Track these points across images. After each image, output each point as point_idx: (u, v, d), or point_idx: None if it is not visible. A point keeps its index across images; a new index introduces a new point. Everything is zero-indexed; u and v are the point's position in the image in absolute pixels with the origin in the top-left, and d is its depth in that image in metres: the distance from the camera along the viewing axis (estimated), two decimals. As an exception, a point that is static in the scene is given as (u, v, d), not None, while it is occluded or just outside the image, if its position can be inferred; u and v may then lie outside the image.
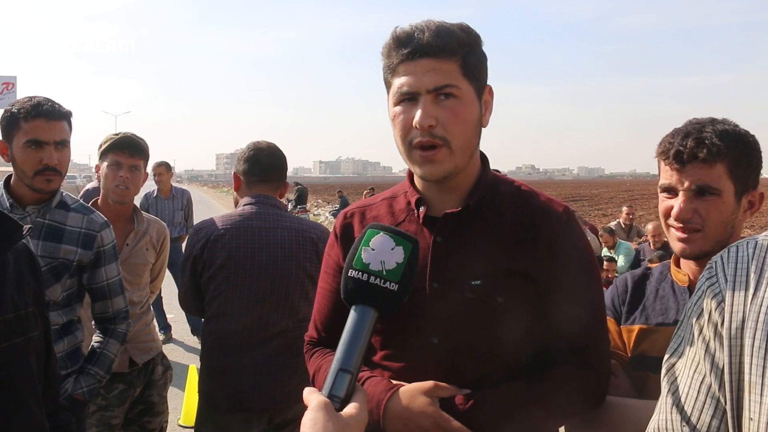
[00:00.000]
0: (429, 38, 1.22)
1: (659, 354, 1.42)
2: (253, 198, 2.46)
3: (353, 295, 1.04)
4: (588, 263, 1.35)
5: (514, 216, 1.33)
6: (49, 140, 2.06)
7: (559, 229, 1.30)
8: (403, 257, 1.05)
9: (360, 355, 1.00)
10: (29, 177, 2.08)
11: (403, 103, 1.27)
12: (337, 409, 0.95)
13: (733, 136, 1.36)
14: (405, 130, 1.27)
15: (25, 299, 1.33)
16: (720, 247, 1.39)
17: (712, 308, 0.83)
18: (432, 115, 1.23)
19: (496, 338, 1.27)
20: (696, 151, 1.34)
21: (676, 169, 1.38)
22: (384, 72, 1.31)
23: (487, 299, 1.26)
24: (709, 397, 0.83)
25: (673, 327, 1.42)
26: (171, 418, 3.50)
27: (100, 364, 2.26)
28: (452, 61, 1.24)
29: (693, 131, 1.37)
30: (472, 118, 1.27)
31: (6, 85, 20.14)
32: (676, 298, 1.47)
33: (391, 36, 1.27)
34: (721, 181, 1.34)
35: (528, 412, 1.25)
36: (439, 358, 1.28)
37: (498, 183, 1.39)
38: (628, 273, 1.63)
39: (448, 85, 1.23)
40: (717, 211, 1.35)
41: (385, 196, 1.47)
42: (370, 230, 1.08)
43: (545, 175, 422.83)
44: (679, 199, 1.38)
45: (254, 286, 2.34)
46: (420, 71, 1.23)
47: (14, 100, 2.14)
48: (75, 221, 2.20)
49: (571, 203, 30.56)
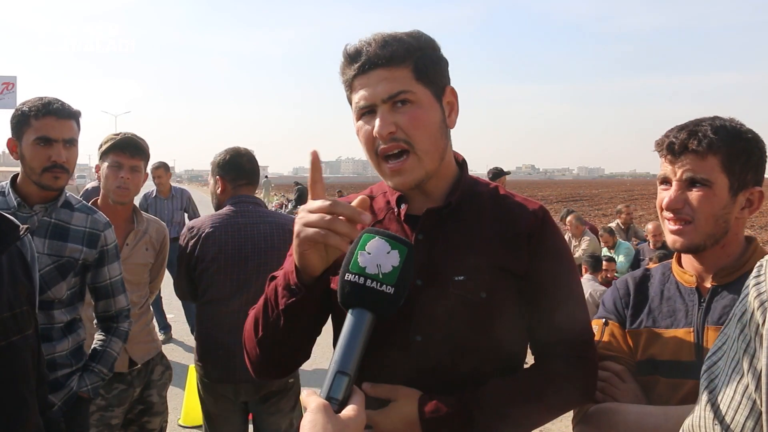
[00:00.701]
0: (377, 49, 1.25)
1: (670, 357, 1.40)
2: (237, 198, 2.88)
3: (350, 298, 1.05)
4: (566, 257, 1.40)
5: (494, 213, 1.36)
6: (58, 138, 2.12)
7: (537, 225, 1.34)
8: (398, 261, 1.06)
9: (357, 358, 1.01)
10: (37, 174, 2.12)
11: (364, 117, 1.29)
12: (336, 411, 0.96)
13: (730, 132, 1.37)
14: (369, 143, 1.29)
15: (19, 298, 1.35)
16: (713, 242, 1.38)
17: (755, 307, 0.82)
18: (390, 122, 1.25)
19: (481, 334, 1.28)
20: (687, 143, 1.36)
21: (670, 161, 1.40)
22: (344, 90, 1.34)
23: (470, 295, 1.27)
24: (746, 397, 0.82)
25: (683, 330, 1.40)
26: (171, 418, 3.51)
27: (103, 362, 2.29)
28: (403, 67, 1.26)
29: (690, 125, 1.40)
30: (432, 121, 1.29)
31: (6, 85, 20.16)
32: (683, 300, 1.45)
33: (343, 54, 1.30)
34: (713, 173, 1.35)
35: (520, 408, 1.26)
36: (422, 355, 1.29)
37: (475, 184, 1.42)
38: (628, 275, 1.62)
39: (402, 92, 1.25)
40: (707, 203, 1.36)
41: (364, 195, 1.48)
42: (365, 234, 1.09)
43: (545, 175, 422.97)
44: (671, 189, 1.40)
45: (241, 274, 2.76)
46: (373, 82, 1.26)
47: (25, 100, 2.19)
48: (79, 221, 2.24)
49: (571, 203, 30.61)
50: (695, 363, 1.36)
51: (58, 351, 2.14)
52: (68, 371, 2.18)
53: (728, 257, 1.41)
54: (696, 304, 1.42)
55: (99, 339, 2.36)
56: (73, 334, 2.22)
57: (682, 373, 1.37)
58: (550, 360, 1.33)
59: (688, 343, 1.39)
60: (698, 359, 1.36)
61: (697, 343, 1.38)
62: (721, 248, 1.40)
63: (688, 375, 1.35)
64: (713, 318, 1.38)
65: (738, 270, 1.40)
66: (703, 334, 1.38)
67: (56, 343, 2.14)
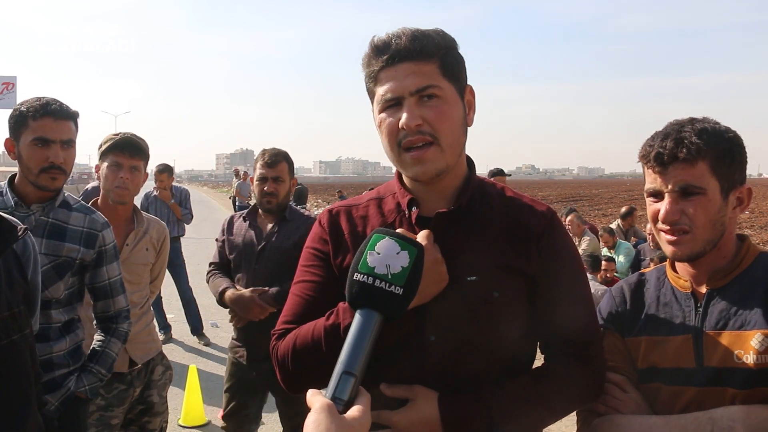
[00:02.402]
0: (406, 42, 1.26)
1: (671, 365, 1.38)
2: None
3: (358, 298, 1.05)
4: (574, 259, 1.40)
5: (503, 214, 1.36)
6: (56, 139, 2.11)
7: (546, 226, 1.34)
8: (408, 261, 1.06)
9: (364, 359, 1.01)
10: (35, 174, 2.11)
11: (388, 109, 1.29)
12: (341, 412, 0.95)
13: (712, 134, 1.35)
14: (392, 134, 1.29)
15: (17, 297, 1.35)
16: (712, 246, 1.37)
17: None
18: (418, 115, 1.25)
19: (494, 334, 1.28)
20: (676, 152, 1.33)
21: (659, 172, 1.37)
22: (366, 82, 1.33)
23: (483, 294, 1.28)
24: None
25: (681, 336, 1.39)
26: (171, 418, 3.51)
27: (102, 362, 2.28)
28: (431, 62, 1.27)
29: (672, 132, 1.37)
30: (456, 116, 1.30)
31: (6, 85, 20.14)
32: (680, 305, 1.43)
33: (370, 45, 1.30)
34: (705, 179, 1.33)
35: (528, 409, 1.26)
36: (437, 355, 1.29)
37: (484, 185, 1.42)
38: (623, 282, 1.60)
39: (430, 86, 1.26)
40: (704, 211, 1.34)
41: (372, 196, 1.47)
42: (376, 235, 1.09)
43: (545, 175, 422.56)
44: (665, 202, 1.36)
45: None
46: (401, 75, 1.26)
47: (23, 101, 2.18)
48: (77, 221, 2.24)
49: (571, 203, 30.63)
50: (696, 370, 1.35)
51: (56, 351, 2.14)
52: (66, 371, 2.17)
53: (724, 258, 1.40)
54: (693, 310, 1.41)
55: (98, 339, 2.35)
56: (71, 334, 2.21)
57: (684, 380, 1.36)
58: (559, 360, 1.33)
59: (688, 349, 1.37)
60: (698, 366, 1.35)
61: (697, 349, 1.36)
62: (717, 250, 1.39)
63: (690, 382, 1.35)
64: (710, 323, 1.37)
65: (732, 271, 1.39)
66: (701, 340, 1.36)
67: (53, 343, 2.13)
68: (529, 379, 1.30)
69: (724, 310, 1.36)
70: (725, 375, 1.31)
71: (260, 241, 3.12)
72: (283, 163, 3.20)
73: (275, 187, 3.14)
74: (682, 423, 1.31)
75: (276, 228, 3.14)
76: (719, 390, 1.31)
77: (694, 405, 1.33)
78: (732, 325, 1.34)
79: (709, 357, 1.34)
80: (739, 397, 1.28)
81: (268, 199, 3.15)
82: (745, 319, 1.33)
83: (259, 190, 3.17)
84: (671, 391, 1.38)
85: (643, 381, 1.44)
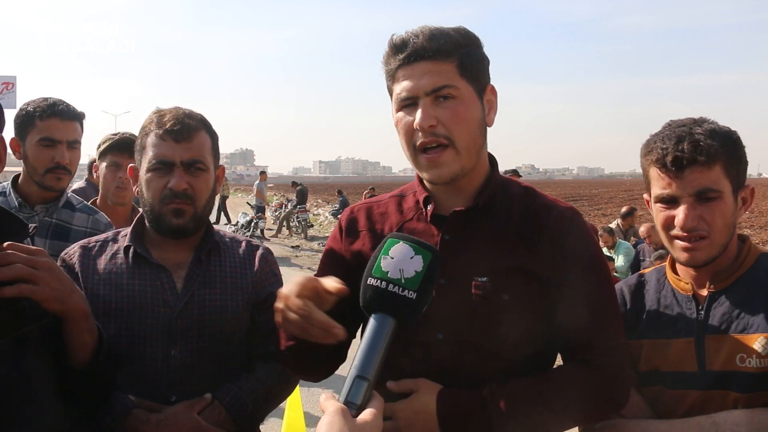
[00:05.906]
0: (424, 41, 1.25)
1: (674, 368, 1.37)
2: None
3: (372, 302, 1.05)
4: (594, 262, 1.34)
5: (521, 215, 1.34)
6: (62, 139, 2.13)
7: (565, 227, 1.32)
8: (422, 266, 1.06)
9: (378, 363, 1.01)
10: (40, 174, 2.12)
11: (405, 109, 1.29)
12: (354, 416, 0.96)
13: (722, 135, 1.33)
14: (408, 134, 1.29)
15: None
16: (724, 250, 1.35)
17: None
18: (432, 116, 1.24)
19: (502, 335, 1.27)
20: (695, 155, 1.29)
21: (674, 177, 1.31)
22: (386, 80, 1.33)
23: (493, 296, 1.27)
24: None
25: (683, 339, 1.37)
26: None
27: None
28: (449, 62, 1.26)
29: (684, 134, 1.32)
30: (473, 117, 1.29)
31: (6, 85, 20.14)
32: (681, 308, 1.42)
33: (388, 43, 1.30)
34: (720, 182, 1.31)
35: (528, 408, 1.25)
36: (444, 353, 1.29)
37: (507, 184, 1.41)
38: (623, 283, 1.57)
39: (445, 86, 1.25)
40: (721, 214, 1.31)
41: (394, 194, 1.49)
42: (390, 239, 1.09)
43: (545, 175, 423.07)
44: (682, 208, 1.32)
45: None
46: (417, 74, 1.25)
47: (29, 101, 2.18)
48: (80, 221, 2.25)
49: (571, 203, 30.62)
50: (698, 373, 1.34)
51: None
52: None
53: (727, 260, 1.39)
54: (694, 312, 1.39)
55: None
56: None
57: (686, 383, 1.35)
58: (570, 364, 1.31)
59: (690, 353, 1.36)
60: (700, 369, 1.34)
61: (699, 352, 1.35)
62: (724, 253, 1.37)
63: (692, 385, 1.34)
64: (712, 326, 1.36)
65: (734, 273, 1.38)
66: (703, 343, 1.35)
67: None
68: (533, 380, 1.29)
69: (727, 313, 1.35)
70: (728, 378, 1.30)
71: None
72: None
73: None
74: (685, 427, 1.30)
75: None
76: (722, 393, 1.31)
77: (697, 408, 1.32)
78: (734, 329, 1.33)
79: (712, 360, 1.34)
80: (742, 400, 1.28)
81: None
82: (748, 323, 1.32)
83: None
84: (674, 394, 1.37)
85: (645, 384, 1.42)
